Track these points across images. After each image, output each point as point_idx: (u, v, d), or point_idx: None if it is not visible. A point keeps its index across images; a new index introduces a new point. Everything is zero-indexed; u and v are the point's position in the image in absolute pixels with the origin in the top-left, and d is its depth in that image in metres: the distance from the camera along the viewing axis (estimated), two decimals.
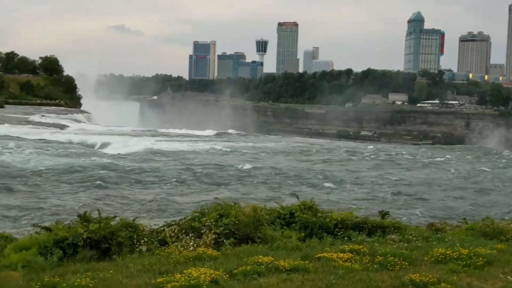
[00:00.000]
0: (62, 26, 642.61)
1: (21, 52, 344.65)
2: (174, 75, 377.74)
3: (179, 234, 11.00)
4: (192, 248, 10.26)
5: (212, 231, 11.09)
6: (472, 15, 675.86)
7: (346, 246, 10.24)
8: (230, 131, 74.71)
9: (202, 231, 11.09)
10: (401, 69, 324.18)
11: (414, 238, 11.91)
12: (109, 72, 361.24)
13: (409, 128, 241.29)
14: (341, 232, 12.07)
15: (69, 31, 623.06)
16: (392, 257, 9.42)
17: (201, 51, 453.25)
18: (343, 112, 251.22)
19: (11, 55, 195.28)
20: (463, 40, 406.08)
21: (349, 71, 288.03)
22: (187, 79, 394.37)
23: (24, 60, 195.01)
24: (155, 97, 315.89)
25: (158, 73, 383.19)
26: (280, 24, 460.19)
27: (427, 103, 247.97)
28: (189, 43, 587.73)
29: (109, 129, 76.45)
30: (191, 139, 57.99)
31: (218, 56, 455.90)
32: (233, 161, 37.86)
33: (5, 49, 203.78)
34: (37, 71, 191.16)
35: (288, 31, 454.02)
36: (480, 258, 9.52)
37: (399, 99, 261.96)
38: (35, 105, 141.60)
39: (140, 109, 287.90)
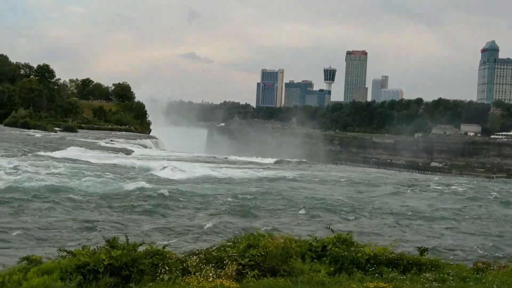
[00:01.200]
0: (136, 54, 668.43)
1: (97, 79, 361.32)
2: (242, 102, 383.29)
3: (201, 264, 10.77)
4: (211, 279, 10.00)
5: (236, 262, 10.82)
6: None
7: (373, 283, 9.68)
8: (291, 159, 74.38)
9: (226, 261, 10.84)
10: (474, 99, 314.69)
11: (451, 278, 11.15)
12: (179, 98, 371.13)
13: (482, 160, 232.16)
14: (373, 268, 11.49)
15: (143, 59, 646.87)
16: None
17: (269, 79, 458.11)
18: (413, 142, 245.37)
19: (86, 82, 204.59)
20: None
21: (419, 101, 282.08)
22: (255, 106, 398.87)
23: (98, 86, 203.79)
24: (222, 124, 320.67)
25: (226, 100, 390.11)
26: (348, 53, 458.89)
27: (502, 134, 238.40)
28: (257, 71, 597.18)
29: (171, 155, 77.91)
30: (248, 167, 58.16)
31: (286, 84, 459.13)
32: (289, 189, 37.51)
33: (82, 76, 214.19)
34: (110, 97, 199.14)
35: (356, 60, 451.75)
36: None
37: (471, 130, 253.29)
38: (106, 130, 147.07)
39: (208, 136, 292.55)
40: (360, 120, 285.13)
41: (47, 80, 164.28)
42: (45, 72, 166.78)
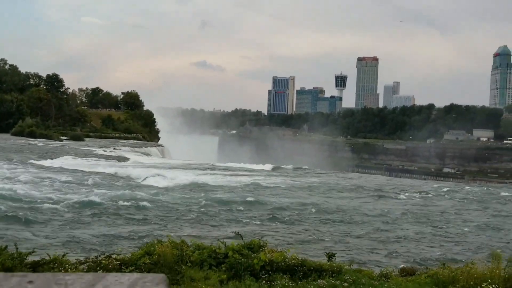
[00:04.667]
0: (148, 63, 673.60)
1: (109, 88, 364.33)
2: (253, 109, 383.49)
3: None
4: None
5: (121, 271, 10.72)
6: None
7: None
8: (288, 166, 74.00)
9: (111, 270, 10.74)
10: (487, 104, 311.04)
11: (346, 284, 10.93)
12: (191, 107, 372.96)
13: (495, 165, 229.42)
14: (267, 275, 11.31)
15: (155, 68, 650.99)
16: None
17: (280, 86, 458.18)
18: (425, 148, 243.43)
19: (96, 91, 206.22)
20: None
21: (431, 106, 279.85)
22: (266, 113, 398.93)
23: (107, 95, 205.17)
24: (234, 132, 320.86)
25: (238, 107, 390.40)
26: (359, 59, 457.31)
27: None
28: (268, 79, 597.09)
29: (168, 163, 77.98)
30: (244, 174, 58.02)
31: (297, 91, 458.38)
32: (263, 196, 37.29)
33: (93, 85, 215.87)
34: (119, 105, 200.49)
35: (368, 66, 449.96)
36: None
37: (484, 135, 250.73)
38: (114, 138, 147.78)
39: (219, 144, 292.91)
40: (371, 126, 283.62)
41: (56, 89, 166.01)
42: (54, 81, 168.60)
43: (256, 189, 40.95)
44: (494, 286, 10.87)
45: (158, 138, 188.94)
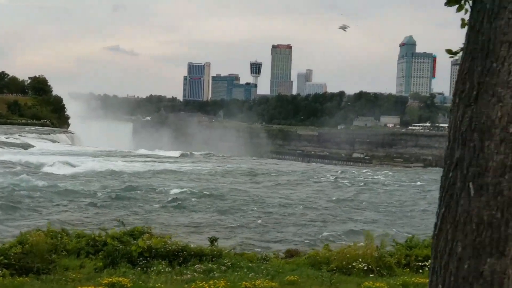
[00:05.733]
0: (59, 47, 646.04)
1: (16, 73, 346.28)
2: (169, 96, 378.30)
3: None
4: None
5: None
6: (463, 39, 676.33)
7: (110, 279, 9.45)
8: (197, 153, 73.97)
9: None
10: (394, 92, 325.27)
11: (223, 268, 11.16)
12: (104, 92, 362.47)
13: (400, 150, 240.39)
14: (145, 261, 11.33)
15: (66, 53, 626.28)
16: None
17: (195, 72, 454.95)
18: (336, 134, 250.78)
19: (1, 75, 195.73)
20: (455, 64, 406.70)
21: (341, 94, 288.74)
22: (181, 100, 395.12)
23: (13, 80, 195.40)
24: (148, 118, 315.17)
25: (153, 94, 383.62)
26: (274, 47, 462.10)
27: (418, 126, 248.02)
28: (184, 65, 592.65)
29: (75, 150, 75.74)
30: (149, 160, 57.42)
31: (213, 77, 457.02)
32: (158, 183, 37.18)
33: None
34: (26, 90, 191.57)
35: (282, 54, 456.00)
36: None
37: (391, 121, 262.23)
38: (20, 125, 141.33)
39: (134, 130, 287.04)
40: (285, 113, 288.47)
41: None
42: None
43: (159, 175, 40.69)
44: (364, 264, 11.57)
45: (68, 125, 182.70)
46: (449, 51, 4.23)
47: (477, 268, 2.99)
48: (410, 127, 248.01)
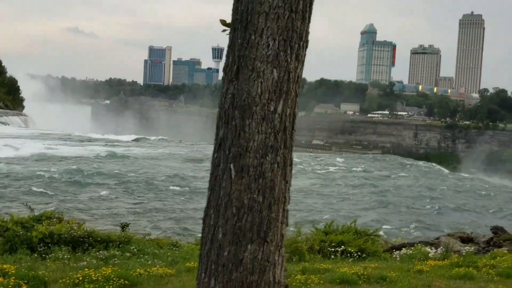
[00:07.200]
0: (14, 26, 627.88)
1: None
2: (129, 79, 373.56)
3: None
4: None
5: None
6: (423, 28, 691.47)
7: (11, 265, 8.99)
8: (152, 137, 73.11)
9: None
10: (354, 79, 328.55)
11: (128, 254, 10.86)
12: (61, 75, 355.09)
13: (360, 138, 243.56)
14: (45, 247, 10.94)
15: (21, 33, 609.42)
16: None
17: (156, 56, 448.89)
18: (296, 121, 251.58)
19: None
20: (414, 52, 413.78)
21: (303, 80, 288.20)
22: (142, 84, 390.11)
23: None
24: (107, 102, 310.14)
25: (112, 77, 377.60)
26: None
27: (377, 113, 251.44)
28: (144, 48, 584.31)
29: (24, 133, 73.84)
30: (100, 144, 56.43)
31: (174, 61, 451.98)
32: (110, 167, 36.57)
33: None
34: None
35: None
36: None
37: (350, 109, 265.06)
38: None
39: (92, 113, 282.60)
40: None
41: None
42: None
43: (106, 159, 39.99)
44: None
45: (23, 107, 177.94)
46: (223, 22, 3.98)
47: (236, 255, 2.79)
48: (369, 115, 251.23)
